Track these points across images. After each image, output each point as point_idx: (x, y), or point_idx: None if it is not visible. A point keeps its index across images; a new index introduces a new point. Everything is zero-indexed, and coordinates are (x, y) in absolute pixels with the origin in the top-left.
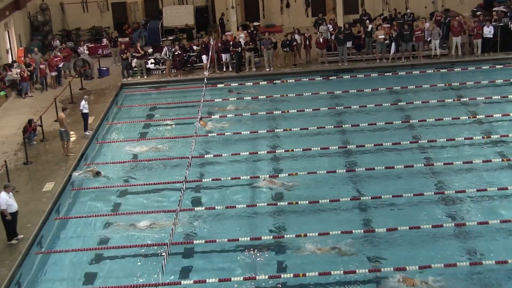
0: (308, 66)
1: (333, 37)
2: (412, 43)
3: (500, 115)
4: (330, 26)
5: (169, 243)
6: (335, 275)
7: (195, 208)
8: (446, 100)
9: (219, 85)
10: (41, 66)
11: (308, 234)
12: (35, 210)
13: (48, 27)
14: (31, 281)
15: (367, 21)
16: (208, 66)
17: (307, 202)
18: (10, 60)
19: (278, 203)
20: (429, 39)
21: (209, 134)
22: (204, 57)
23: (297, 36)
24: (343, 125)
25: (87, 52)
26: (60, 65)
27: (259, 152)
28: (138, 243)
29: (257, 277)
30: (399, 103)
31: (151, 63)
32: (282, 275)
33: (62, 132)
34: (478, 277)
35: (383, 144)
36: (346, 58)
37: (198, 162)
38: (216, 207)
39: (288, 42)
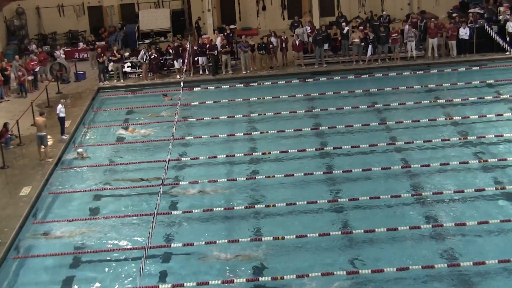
0: (285, 68)
1: (310, 39)
2: (388, 45)
3: (477, 116)
4: (308, 28)
5: (146, 246)
6: (312, 277)
7: (173, 212)
8: (422, 102)
9: (196, 88)
10: (19, 73)
11: (285, 237)
12: (12, 214)
13: (24, 31)
14: (8, 286)
15: (344, 24)
16: (184, 69)
17: (284, 204)
18: None
19: (256, 206)
20: (405, 41)
21: (186, 138)
22: (176, 62)
23: (273, 39)
24: (320, 127)
25: (64, 56)
26: (37, 69)
27: (236, 155)
28: (116, 247)
29: (235, 281)
30: (375, 105)
31: (128, 67)
32: (260, 278)
33: (42, 137)
34: (455, 278)
35: (360, 146)
36: (323, 60)
37: (176, 165)
38: (193, 211)
39: (264, 45)
